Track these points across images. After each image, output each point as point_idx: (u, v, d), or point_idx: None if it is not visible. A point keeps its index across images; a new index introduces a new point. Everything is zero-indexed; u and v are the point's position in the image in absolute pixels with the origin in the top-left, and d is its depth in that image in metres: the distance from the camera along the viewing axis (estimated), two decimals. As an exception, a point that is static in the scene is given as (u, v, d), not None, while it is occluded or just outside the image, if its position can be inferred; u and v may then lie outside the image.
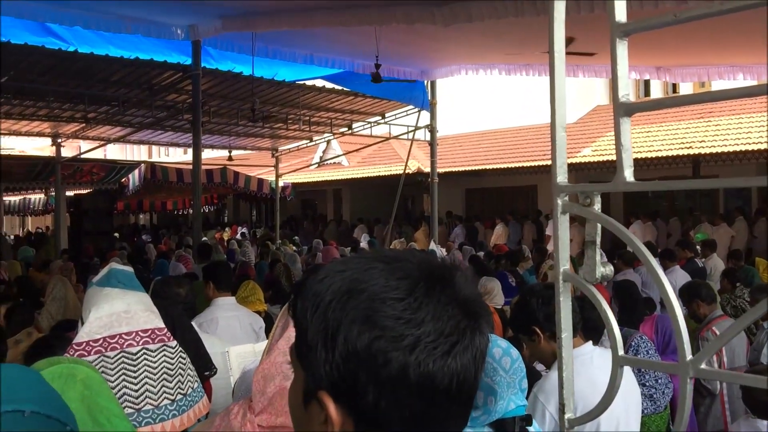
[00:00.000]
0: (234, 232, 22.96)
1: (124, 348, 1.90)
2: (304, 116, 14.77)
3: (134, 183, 16.42)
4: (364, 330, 0.77)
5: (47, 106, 12.51)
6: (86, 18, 9.28)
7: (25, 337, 3.97)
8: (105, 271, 2.07)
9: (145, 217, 31.44)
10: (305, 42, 11.19)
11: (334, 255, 10.52)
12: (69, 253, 12.56)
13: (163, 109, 13.22)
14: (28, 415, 0.86)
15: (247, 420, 1.35)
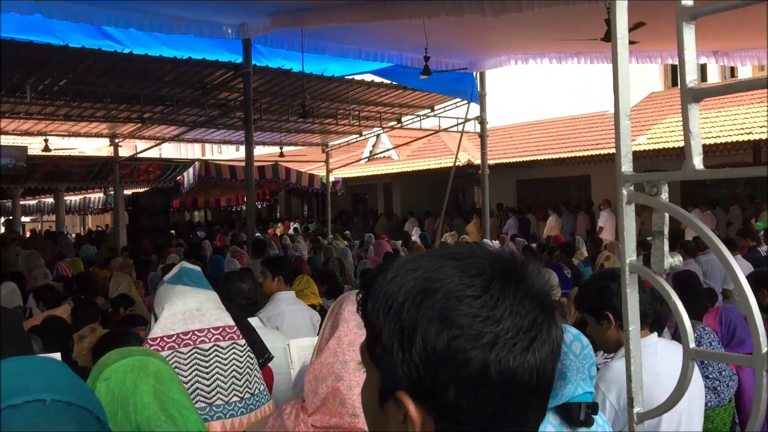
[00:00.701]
0: (286, 227, 23.21)
1: (197, 344, 1.96)
2: (353, 111, 14.83)
3: (189, 181, 16.77)
4: (442, 330, 0.76)
5: (105, 107, 12.86)
6: (140, 20, 9.49)
7: (89, 333, 4.09)
8: (176, 269, 2.13)
9: (200, 214, 32.05)
10: (353, 37, 11.22)
11: (386, 249, 10.55)
12: (128, 251, 12.90)
13: (216, 107, 13.44)
14: (49, 404, 0.88)
15: (301, 420, 1.36)
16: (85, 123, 14.76)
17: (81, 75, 11.02)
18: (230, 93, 12.68)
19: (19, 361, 0.96)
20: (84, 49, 10.02)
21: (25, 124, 14.51)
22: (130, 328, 3.14)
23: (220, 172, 16.81)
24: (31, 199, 29.02)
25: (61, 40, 10.06)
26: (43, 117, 13.75)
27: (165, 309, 1.98)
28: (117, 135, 16.53)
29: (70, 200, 25.71)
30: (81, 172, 17.92)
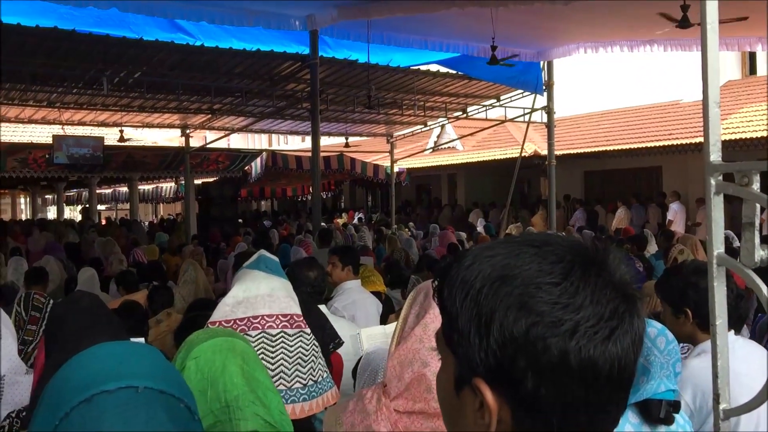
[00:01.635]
0: (351, 217, 23.39)
1: (265, 329, 2.01)
2: (418, 101, 14.80)
3: (257, 171, 17.07)
4: (521, 316, 0.76)
5: (176, 99, 13.21)
6: (211, 13, 9.70)
7: (165, 317, 4.23)
8: (255, 256, 2.21)
9: (266, 203, 32.61)
10: (419, 27, 11.19)
11: (450, 239, 10.50)
12: (198, 239, 13.24)
13: (283, 98, 13.64)
14: (141, 391, 0.89)
15: (383, 404, 1.37)
16: (158, 114, 15.20)
17: (154, 67, 11.34)
18: (297, 84, 12.84)
19: (115, 346, 0.99)
20: (157, 42, 10.31)
21: (101, 116, 15.05)
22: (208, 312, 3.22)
23: (286, 162, 17.05)
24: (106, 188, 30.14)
25: (136, 33, 10.37)
26: (119, 108, 14.23)
27: (240, 291, 2.04)
28: (188, 126, 16.97)
29: (143, 189, 26.57)
30: (154, 162, 18.48)
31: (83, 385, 0.87)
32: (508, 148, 19.06)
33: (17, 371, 2.73)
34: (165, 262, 9.67)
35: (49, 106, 13.51)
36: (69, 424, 0.84)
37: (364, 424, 1.36)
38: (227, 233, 15.06)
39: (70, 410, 0.85)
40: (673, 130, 16.43)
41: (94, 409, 0.85)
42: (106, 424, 0.84)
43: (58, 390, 0.89)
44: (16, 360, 2.76)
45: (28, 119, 14.95)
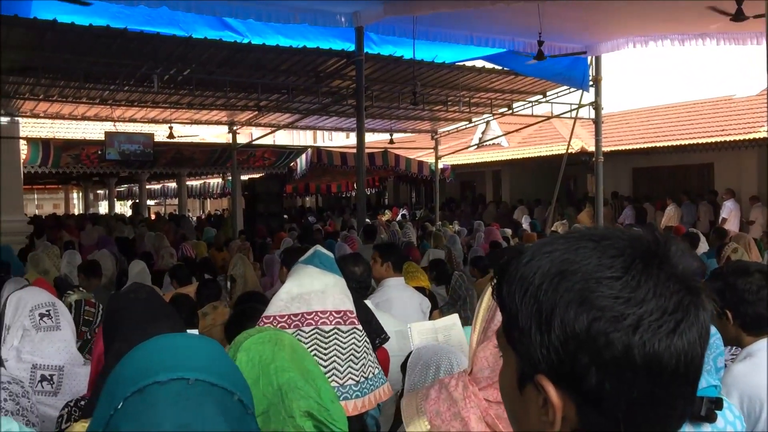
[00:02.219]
0: (395, 214, 23.42)
1: (318, 325, 2.02)
2: (463, 97, 14.73)
3: (302, 167, 17.23)
4: (582, 311, 0.75)
5: (224, 96, 13.40)
6: (259, 11, 9.81)
7: (211, 311, 4.30)
8: (311, 251, 2.23)
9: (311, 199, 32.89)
10: (465, 23, 11.13)
11: (495, 236, 10.44)
12: (245, 234, 13.43)
13: (328, 95, 13.71)
14: (192, 383, 0.89)
15: (471, 392, 1.39)
16: (206, 111, 15.44)
17: (203, 65, 11.52)
18: (342, 81, 12.90)
19: (172, 338, 1.00)
20: (206, 39, 10.46)
21: (151, 113, 15.36)
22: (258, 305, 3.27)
23: (331, 158, 17.17)
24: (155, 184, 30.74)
25: (185, 31, 10.55)
26: (168, 106, 14.50)
27: (294, 286, 2.07)
28: (235, 122, 17.21)
29: (191, 185, 27.03)
30: (202, 158, 18.79)
31: (137, 376, 0.89)
32: (554, 145, 18.83)
33: (75, 363, 2.82)
34: (212, 256, 9.84)
35: (101, 103, 13.84)
36: (123, 413, 0.86)
37: (452, 411, 1.38)
38: (273, 229, 15.24)
39: (124, 400, 0.86)
40: (725, 126, 16.02)
41: (146, 400, 0.86)
42: (157, 415, 0.85)
43: (115, 380, 0.91)
44: (74, 352, 2.85)
45: (81, 116, 15.34)
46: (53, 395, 2.72)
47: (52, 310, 2.85)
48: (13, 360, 2.74)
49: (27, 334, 2.78)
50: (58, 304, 2.90)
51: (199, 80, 12.13)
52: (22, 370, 2.72)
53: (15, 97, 12.98)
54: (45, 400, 2.70)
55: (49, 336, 2.79)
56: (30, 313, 2.81)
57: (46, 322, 2.80)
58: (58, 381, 2.75)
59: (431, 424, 1.39)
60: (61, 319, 2.83)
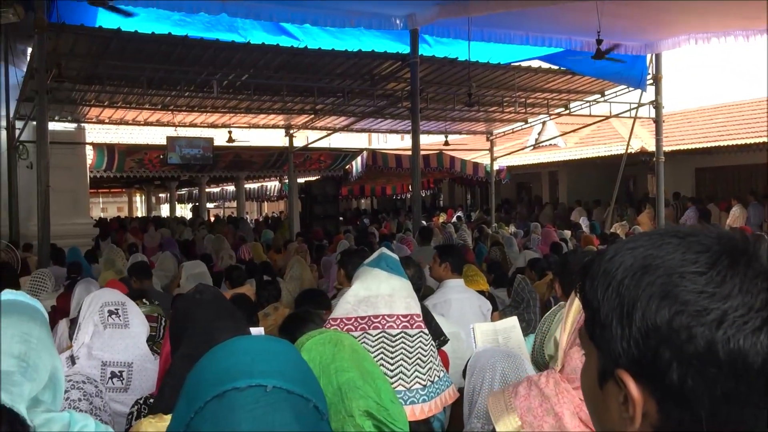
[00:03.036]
0: (450, 216, 23.34)
1: (385, 329, 2.03)
2: (519, 98, 14.59)
3: (357, 169, 17.33)
4: (664, 305, 0.74)
5: (281, 100, 13.60)
6: (315, 15, 9.94)
7: (272, 311, 4.39)
8: (376, 254, 2.24)
9: (366, 201, 33.05)
10: (520, 23, 11.04)
11: (553, 238, 10.31)
12: (302, 236, 13.59)
13: (383, 97, 13.77)
14: (270, 390, 0.90)
15: (563, 389, 1.39)
16: (264, 115, 15.71)
17: (261, 70, 11.73)
18: (397, 83, 12.94)
19: (249, 341, 1.02)
20: (264, 45, 10.64)
21: (211, 117, 15.70)
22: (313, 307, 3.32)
23: (386, 160, 17.23)
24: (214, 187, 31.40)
25: (244, 37, 10.77)
26: (227, 110, 14.80)
27: (361, 289, 2.08)
28: (292, 126, 17.44)
29: (249, 188, 27.51)
30: (259, 162, 19.11)
31: (216, 381, 0.91)
32: (613, 145, 18.47)
33: (145, 359, 2.90)
34: (270, 258, 9.99)
35: (163, 109, 14.22)
36: (202, 418, 0.88)
37: (544, 407, 1.38)
38: (329, 231, 15.38)
39: (204, 404, 0.89)
40: (794, 124, 15.44)
41: (225, 406, 0.88)
42: (235, 421, 0.87)
43: (195, 382, 0.94)
44: (144, 348, 2.93)
45: (144, 122, 15.78)
46: (123, 391, 2.80)
47: (121, 309, 2.92)
48: (84, 357, 2.82)
49: (96, 330, 2.86)
50: (129, 304, 2.98)
51: (256, 85, 12.34)
52: (93, 367, 2.80)
53: (81, 104, 13.44)
54: (115, 397, 2.78)
55: (117, 333, 2.86)
56: (100, 310, 2.89)
57: (114, 319, 2.88)
58: (128, 377, 2.82)
59: (522, 420, 1.39)
60: (130, 317, 2.91)
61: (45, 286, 5.61)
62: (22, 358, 1.60)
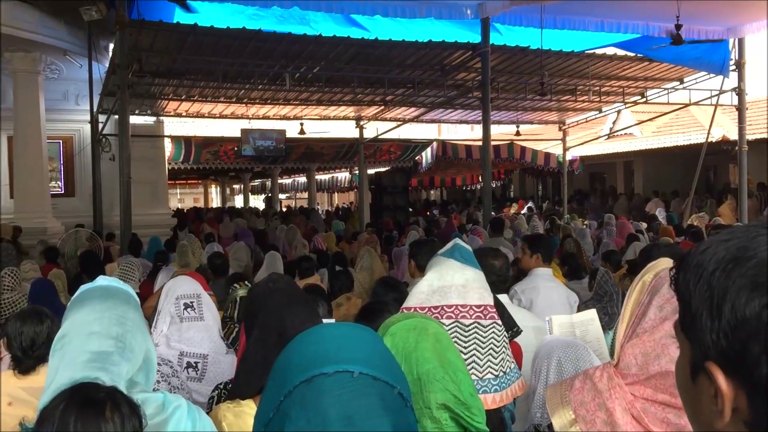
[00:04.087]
0: (521, 207, 23.07)
1: (458, 318, 2.05)
2: (593, 86, 14.26)
3: (427, 160, 17.33)
4: (754, 297, 0.73)
5: (352, 92, 13.70)
6: (385, 7, 9.96)
7: (345, 301, 4.45)
8: (450, 244, 2.26)
9: (435, 192, 33.00)
10: (595, 9, 10.78)
11: (628, 230, 10.05)
12: (372, 227, 13.69)
13: (454, 88, 13.69)
14: (356, 376, 0.92)
15: (616, 384, 1.39)
16: (335, 107, 15.86)
17: (332, 62, 11.83)
18: (468, 73, 12.83)
19: (335, 328, 1.05)
20: (335, 37, 10.73)
21: (283, 110, 15.96)
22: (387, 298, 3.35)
23: (456, 151, 17.16)
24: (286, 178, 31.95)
25: (315, 30, 10.89)
26: (299, 102, 15.02)
27: (435, 279, 2.10)
28: (362, 117, 17.56)
29: (320, 179, 27.88)
30: (330, 153, 19.35)
31: (304, 366, 0.94)
32: (692, 133, 17.82)
33: (219, 351, 3.00)
34: (340, 249, 10.11)
35: (237, 102, 14.55)
36: (291, 401, 0.91)
37: (596, 401, 1.39)
38: (398, 222, 15.44)
39: (293, 388, 0.92)
40: None
41: (314, 390, 0.91)
42: (323, 405, 0.90)
43: (284, 367, 0.97)
44: (217, 341, 3.03)
45: (219, 114, 16.19)
46: (198, 381, 2.91)
47: (196, 302, 3.02)
48: (164, 346, 2.94)
49: (173, 321, 2.98)
50: (203, 296, 3.07)
51: (328, 77, 12.48)
52: (171, 357, 2.93)
53: (160, 98, 13.90)
54: (191, 386, 2.89)
55: (194, 326, 2.97)
56: (176, 302, 3.00)
57: (189, 312, 2.99)
58: (203, 368, 2.93)
59: (575, 413, 1.39)
60: (204, 310, 3.01)
61: (133, 274, 5.84)
62: (119, 339, 1.68)
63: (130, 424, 1.42)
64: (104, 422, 1.39)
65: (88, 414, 1.39)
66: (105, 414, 1.40)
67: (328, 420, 0.88)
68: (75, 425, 1.37)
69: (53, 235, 12.04)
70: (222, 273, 6.05)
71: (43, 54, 12.52)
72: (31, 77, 12.59)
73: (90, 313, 1.71)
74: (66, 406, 1.40)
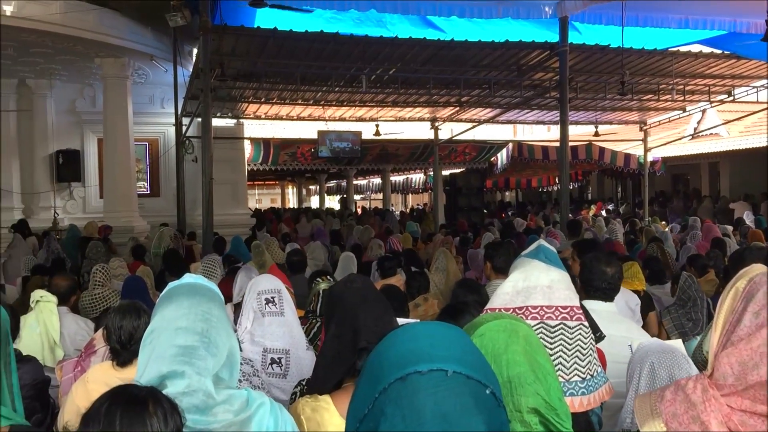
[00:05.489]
0: (599, 208, 22.55)
1: (544, 319, 2.03)
2: (676, 85, 13.79)
3: (502, 161, 17.17)
4: None
5: (427, 93, 13.71)
6: (462, 7, 9.92)
7: (422, 302, 4.47)
8: (534, 245, 2.26)
9: (510, 194, 32.62)
10: (679, 5, 10.44)
11: (715, 233, 9.67)
12: (446, 228, 13.66)
13: (530, 88, 13.52)
14: (450, 375, 0.94)
15: (711, 396, 1.35)
16: (410, 108, 15.90)
17: (407, 63, 11.87)
18: (545, 73, 12.65)
19: (427, 327, 1.06)
20: (411, 39, 10.77)
21: (359, 111, 16.12)
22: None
23: (532, 152, 16.93)
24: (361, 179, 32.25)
25: (391, 32, 10.96)
26: (375, 104, 15.14)
27: (519, 280, 2.09)
28: (437, 119, 17.54)
29: (394, 180, 28.00)
30: (405, 155, 19.41)
31: (399, 363, 0.96)
32: (784, 133, 17.00)
33: (299, 347, 3.05)
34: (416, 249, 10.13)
35: (314, 104, 14.78)
36: (387, 398, 0.94)
37: (690, 414, 1.35)
38: (473, 223, 15.35)
39: (388, 386, 0.94)
40: None
41: (408, 387, 0.93)
42: (419, 403, 0.91)
43: (377, 364, 0.99)
44: (298, 336, 3.08)
45: (297, 116, 16.48)
46: (282, 377, 2.96)
47: (277, 297, 3.07)
48: (248, 342, 3.01)
49: (256, 317, 3.04)
50: (284, 292, 3.13)
51: (403, 78, 12.52)
52: (255, 353, 2.98)
53: (240, 100, 14.27)
54: (275, 383, 2.94)
55: (275, 321, 3.02)
56: (257, 297, 3.06)
57: (270, 308, 3.03)
58: (286, 364, 2.98)
59: (667, 426, 1.36)
60: (285, 306, 3.06)
61: (215, 272, 6.02)
62: (204, 334, 1.73)
63: (173, 421, 1.45)
64: (149, 418, 1.42)
65: (132, 412, 1.42)
66: (149, 410, 1.43)
67: (424, 418, 0.90)
68: (121, 423, 1.40)
69: (140, 234, 12.57)
70: (299, 270, 6.15)
71: (131, 59, 13.07)
72: (120, 82, 13.16)
73: (177, 309, 1.76)
74: (110, 405, 1.43)
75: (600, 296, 3.23)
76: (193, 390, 1.60)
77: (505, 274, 4.46)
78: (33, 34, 10.68)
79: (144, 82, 14.93)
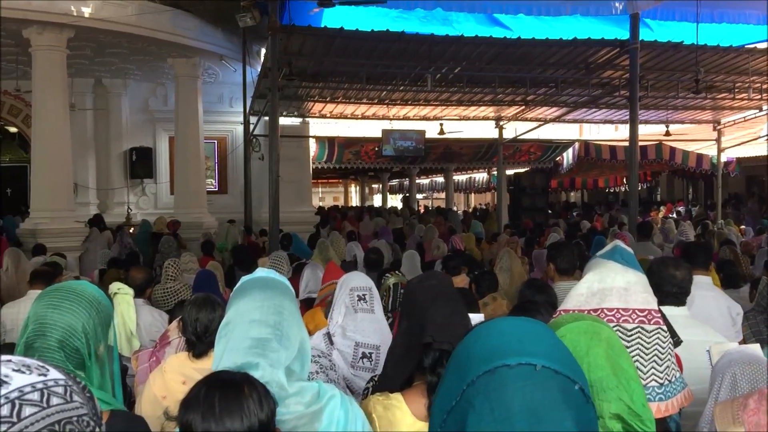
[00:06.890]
0: (668, 210, 21.94)
1: (620, 322, 1.99)
2: (753, 83, 13.27)
3: (568, 161, 16.89)
4: None
5: (492, 92, 13.58)
6: (529, 5, 9.81)
7: (491, 301, 4.45)
8: (610, 246, 2.22)
9: (576, 194, 32.04)
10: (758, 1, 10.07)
11: (793, 238, 9.31)
12: (510, 228, 13.53)
13: (599, 86, 13.24)
14: (538, 369, 0.94)
15: None
16: (474, 107, 15.79)
17: (473, 62, 11.77)
18: (614, 71, 12.36)
19: (514, 322, 1.07)
20: (476, 37, 10.68)
21: (423, 110, 16.10)
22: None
23: (599, 152, 16.61)
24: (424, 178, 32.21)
25: (457, 30, 10.90)
26: (439, 103, 15.09)
27: (595, 282, 2.06)
28: (501, 118, 17.36)
29: (457, 179, 27.87)
30: (468, 154, 19.30)
31: (487, 357, 0.97)
32: None
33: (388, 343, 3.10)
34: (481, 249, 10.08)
35: (379, 103, 14.83)
36: (475, 390, 0.95)
37: None
38: (538, 223, 15.15)
39: (476, 378, 0.95)
40: None
41: (497, 380, 0.94)
42: (507, 396, 0.92)
43: (465, 357, 1.00)
44: (387, 333, 3.13)
45: (361, 115, 16.57)
46: (371, 371, 3.00)
47: (368, 295, 3.16)
48: (339, 336, 3.08)
49: (348, 312, 3.11)
50: (374, 290, 3.21)
51: (468, 77, 12.43)
52: (347, 347, 3.06)
53: (306, 99, 14.45)
54: (364, 375, 3.00)
55: (367, 317, 3.10)
56: (350, 293, 3.14)
57: (362, 304, 3.12)
58: (376, 359, 3.04)
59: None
60: (375, 303, 3.15)
61: (283, 268, 6.15)
62: (276, 327, 1.78)
63: (267, 405, 1.50)
64: (245, 399, 1.47)
65: (229, 395, 1.47)
66: (244, 392, 1.48)
67: (512, 411, 0.91)
68: (220, 405, 1.45)
69: (208, 230, 12.90)
70: (376, 267, 6.21)
71: (201, 59, 13.42)
72: (191, 81, 13.53)
73: (251, 302, 1.81)
74: (207, 389, 1.48)
75: (671, 301, 3.16)
76: (266, 381, 1.64)
77: (568, 275, 4.40)
78: (110, 35, 11.09)
79: (213, 81, 15.31)
